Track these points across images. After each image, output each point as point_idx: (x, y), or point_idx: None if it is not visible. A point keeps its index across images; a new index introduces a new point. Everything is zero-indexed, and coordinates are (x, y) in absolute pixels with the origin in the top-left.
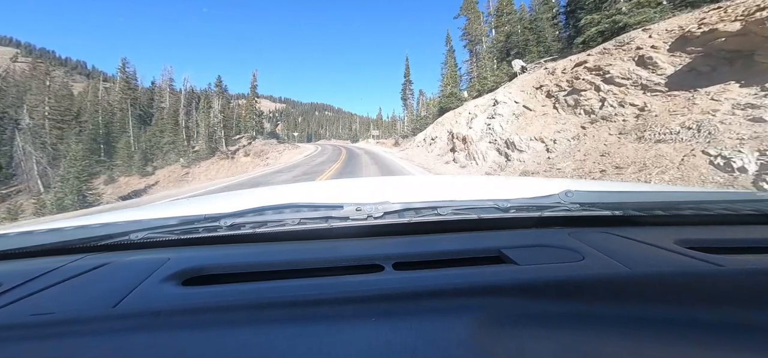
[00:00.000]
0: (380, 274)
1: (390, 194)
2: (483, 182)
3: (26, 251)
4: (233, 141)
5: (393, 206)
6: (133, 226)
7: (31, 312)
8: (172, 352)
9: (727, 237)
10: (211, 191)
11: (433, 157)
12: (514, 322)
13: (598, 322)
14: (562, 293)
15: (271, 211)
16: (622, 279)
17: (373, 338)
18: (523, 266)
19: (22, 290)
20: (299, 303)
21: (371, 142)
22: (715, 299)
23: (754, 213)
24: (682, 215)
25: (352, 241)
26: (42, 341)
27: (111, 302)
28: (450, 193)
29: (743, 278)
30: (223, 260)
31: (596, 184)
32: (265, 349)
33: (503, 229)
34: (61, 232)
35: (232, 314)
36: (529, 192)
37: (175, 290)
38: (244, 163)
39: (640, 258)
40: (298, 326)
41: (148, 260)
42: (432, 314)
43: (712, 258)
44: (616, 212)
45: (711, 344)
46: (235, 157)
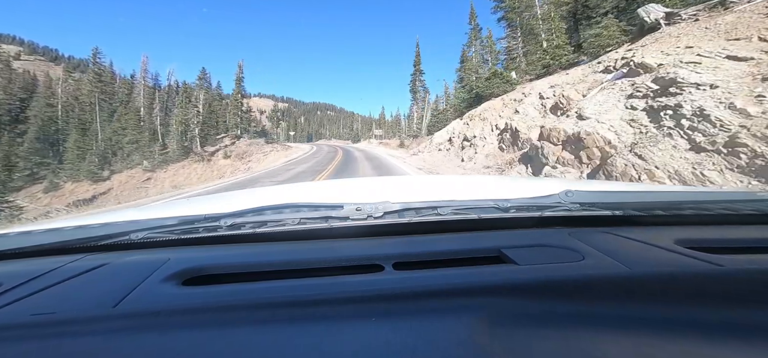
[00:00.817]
0: (380, 274)
1: (390, 193)
2: (483, 181)
3: (26, 251)
4: (215, 141)
5: (393, 205)
6: (132, 226)
7: (31, 312)
8: (172, 352)
9: (727, 237)
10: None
11: (478, 166)
12: (514, 322)
13: (598, 322)
14: (563, 292)
15: (270, 211)
16: (623, 279)
17: (373, 338)
18: (523, 265)
19: (21, 290)
20: (299, 303)
21: (373, 143)
22: (716, 299)
23: (754, 213)
24: (682, 214)
25: (352, 241)
26: (42, 341)
27: (111, 302)
28: (450, 193)
29: (743, 277)
30: (223, 260)
31: (596, 184)
32: (266, 349)
33: (503, 229)
34: (60, 232)
35: (232, 314)
36: (530, 192)
37: (175, 290)
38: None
39: (640, 258)
40: (298, 326)
41: (148, 260)
42: (432, 314)
43: (712, 258)
44: (616, 211)
45: (711, 344)
46: (212, 159)
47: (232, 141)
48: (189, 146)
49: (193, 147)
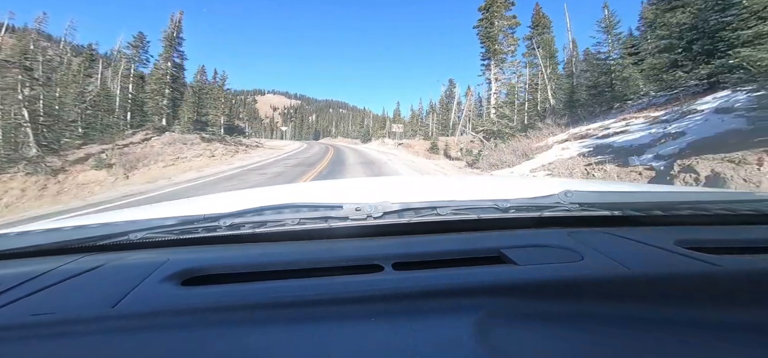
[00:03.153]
0: (380, 274)
1: (389, 194)
2: (482, 182)
3: (25, 252)
4: (123, 136)
5: (392, 206)
6: (131, 226)
7: (30, 313)
8: (171, 352)
9: (725, 237)
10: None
11: None
12: (513, 322)
13: (597, 322)
14: (562, 293)
15: (270, 211)
16: (622, 279)
17: (372, 338)
18: (522, 266)
19: (20, 291)
20: (299, 303)
21: (388, 144)
22: (714, 299)
23: (752, 213)
24: (681, 215)
25: (351, 241)
26: (41, 341)
27: (110, 303)
28: (449, 193)
29: (742, 277)
30: (223, 260)
31: (596, 184)
32: (265, 349)
33: (503, 229)
34: (59, 232)
35: (232, 314)
36: (529, 192)
37: (174, 290)
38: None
39: (639, 258)
40: (297, 326)
41: (147, 260)
42: (431, 314)
43: (711, 258)
44: (616, 212)
45: (710, 344)
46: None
47: (147, 136)
48: (47, 146)
49: (29, 149)
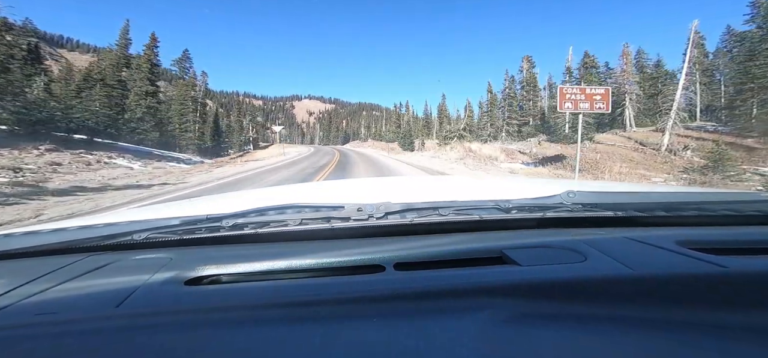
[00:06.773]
0: (381, 274)
1: (391, 194)
2: (484, 182)
3: (30, 251)
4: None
5: (394, 206)
6: (135, 226)
7: (35, 312)
8: (174, 352)
9: (730, 238)
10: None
11: None
12: (516, 323)
13: (600, 323)
14: (565, 293)
15: (273, 211)
16: (625, 280)
17: (374, 338)
18: (525, 266)
19: (26, 290)
20: (301, 303)
21: (452, 157)
22: (719, 301)
23: (757, 214)
24: (685, 215)
25: (353, 241)
26: (46, 340)
27: (114, 302)
28: (451, 193)
29: (747, 279)
30: (226, 260)
31: (598, 184)
32: (267, 349)
33: (505, 229)
34: (64, 232)
35: (235, 314)
36: (531, 193)
37: (177, 290)
38: None
39: (642, 259)
40: (299, 326)
41: (151, 260)
42: (433, 315)
43: (715, 259)
44: (619, 212)
45: (714, 346)
46: None
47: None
48: None
49: None
